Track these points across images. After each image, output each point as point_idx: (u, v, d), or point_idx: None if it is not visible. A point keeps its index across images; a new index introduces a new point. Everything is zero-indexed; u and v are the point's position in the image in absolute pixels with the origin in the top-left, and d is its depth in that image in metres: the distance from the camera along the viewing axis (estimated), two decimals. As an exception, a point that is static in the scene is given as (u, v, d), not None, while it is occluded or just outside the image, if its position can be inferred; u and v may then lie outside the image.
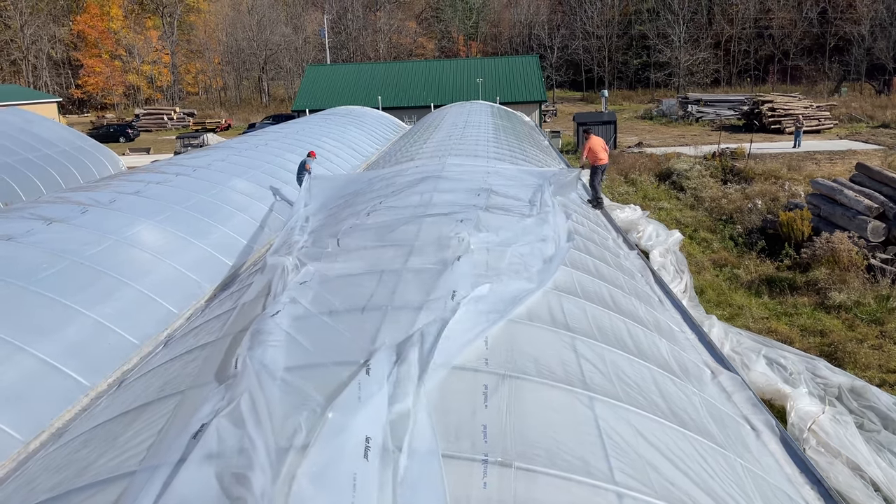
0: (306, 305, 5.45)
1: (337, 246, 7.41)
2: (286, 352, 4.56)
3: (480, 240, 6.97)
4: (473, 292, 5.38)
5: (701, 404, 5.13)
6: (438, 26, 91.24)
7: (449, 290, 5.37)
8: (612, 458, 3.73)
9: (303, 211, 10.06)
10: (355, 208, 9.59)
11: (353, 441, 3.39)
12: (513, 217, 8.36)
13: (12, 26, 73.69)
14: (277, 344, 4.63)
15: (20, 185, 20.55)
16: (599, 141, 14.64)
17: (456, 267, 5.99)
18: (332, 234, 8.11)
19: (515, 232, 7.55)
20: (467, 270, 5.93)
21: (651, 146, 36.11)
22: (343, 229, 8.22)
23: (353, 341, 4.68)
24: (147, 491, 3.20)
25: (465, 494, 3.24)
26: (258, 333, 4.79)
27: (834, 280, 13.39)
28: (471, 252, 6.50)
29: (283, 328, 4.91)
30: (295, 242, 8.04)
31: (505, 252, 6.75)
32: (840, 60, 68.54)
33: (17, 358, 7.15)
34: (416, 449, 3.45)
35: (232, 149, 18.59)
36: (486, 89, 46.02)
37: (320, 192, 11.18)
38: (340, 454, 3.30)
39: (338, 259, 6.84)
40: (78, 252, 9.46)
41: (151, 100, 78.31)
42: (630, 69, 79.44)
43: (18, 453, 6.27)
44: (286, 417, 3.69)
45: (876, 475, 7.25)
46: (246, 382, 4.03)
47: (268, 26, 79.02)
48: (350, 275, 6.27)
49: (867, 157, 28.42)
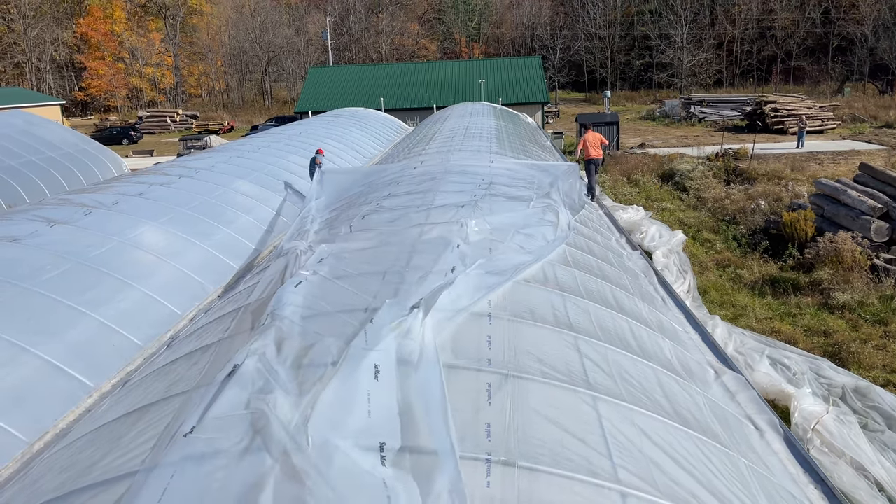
0: (324, 275, 6.19)
1: (349, 232, 8.09)
2: (306, 307, 5.32)
3: (485, 223, 7.48)
4: (478, 262, 6.04)
5: (705, 404, 5.12)
6: (441, 28, 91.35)
7: (452, 264, 6.00)
8: (616, 458, 3.73)
9: (315, 203, 10.68)
10: (367, 197, 10.30)
11: (366, 368, 4.06)
12: (516, 204, 8.75)
13: (16, 29, 73.89)
14: (299, 303, 5.37)
15: (24, 187, 20.61)
16: (595, 137, 15.73)
17: (462, 245, 6.56)
18: (344, 222, 8.79)
19: (518, 217, 8.04)
20: (472, 250, 6.51)
21: (654, 147, 36.09)
22: (355, 218, 8.81)
23: (366, 297, 5.49)
24: (191, 415, 3.78)
25: (469, 493, 3.24)
26: (281, 297, 5.44)
27: (838, 280, 13.36)
28: (476, 233, 7.08)
29: (302, 294, 5.59)
30: (308, 230, 8.76)
31: (508, 233, 7.27)
32: (843, 61, 68.45)
33: (21, 359, 7.16)
34: (420, 363, 4.20)
35: (235, 151, 18.62)
36: (488, 90, 46.05)
37: (331, 186, 11.64)
38: (356, 380, 3.95)
39: (350, 240, 7.55)
40: (82, 253, 9.48)
41: (154, 102, 78.50)
42: (632, 70, 79.43)
43: (23, 454, 6.29)
44: (308, 354, 4.41)
45: (880, 475, 7.23)
46: (274, 330, 4.72)
47: (270, 28, 79.16)
48: (363, 249, 7.05)
49: (870, 158, 28.37)
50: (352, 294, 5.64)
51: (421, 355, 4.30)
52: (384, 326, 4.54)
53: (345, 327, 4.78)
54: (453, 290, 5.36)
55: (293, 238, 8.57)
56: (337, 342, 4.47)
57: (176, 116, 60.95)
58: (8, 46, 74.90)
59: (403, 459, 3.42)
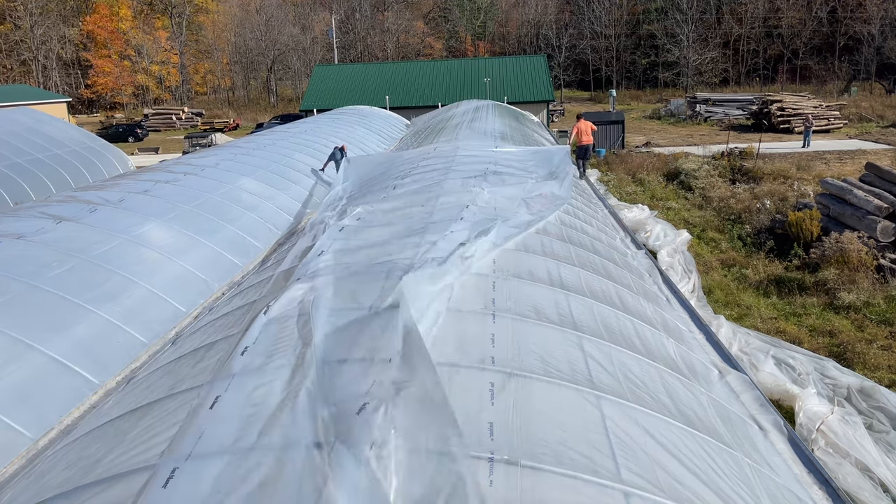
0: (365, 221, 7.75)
1: (372, 207, 9.38)
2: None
3: (491, 192, 9.00)
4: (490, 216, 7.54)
5: (709, 404, 5.12)
6: (446, 26, 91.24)
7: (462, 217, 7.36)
8: (620, 457, 3.72)
9: (342, 186, 12.50)
10: (388, 177, 11.88)
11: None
12: (518, 179, 10.40)
13: (22, 27, 74.13)
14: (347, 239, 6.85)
15: (30, 184, 20.69)
16: (587, 125, 18.23)
17: (473, 207, 8.00)
18: (373, 195, 10.21)
19: (519, 189, 9.61)
20: (480, 212, 7.85)
21: (659, 146, 36.01)
22: (382, 192, 10.24)
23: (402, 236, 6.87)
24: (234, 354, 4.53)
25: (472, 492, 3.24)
26: (322, 244, 6.61)
27: (843, 280, 13.32)
28: (484, 199, 8.58)
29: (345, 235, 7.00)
30: (340, 204, 10.51)
31: (512, 200, 8.88)
32: (850, 60, 68.07)
33: (26, 356, 7.20)
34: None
35: (240, 148, 18.64)
36: (493, 89, 45.97)
37: (356, 171, 13.48)
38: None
39: (382, 203, 9.03)
40: (87, 251, 9.51)
41: (160, 100, 78.62)
42: (638, 69, 79.19)
43: (28, 450, 6.31)
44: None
45: (885, 476, 7.21)
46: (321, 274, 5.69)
47: (276, 26, 79.17)
48: (395, 208, 8.51)
49: (877, 157, 28.25)
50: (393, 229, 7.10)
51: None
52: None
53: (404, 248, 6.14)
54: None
55: (324, 210, 10.14)
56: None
57: (181, 114, 61.01)
58: (14, 44, 75.16)
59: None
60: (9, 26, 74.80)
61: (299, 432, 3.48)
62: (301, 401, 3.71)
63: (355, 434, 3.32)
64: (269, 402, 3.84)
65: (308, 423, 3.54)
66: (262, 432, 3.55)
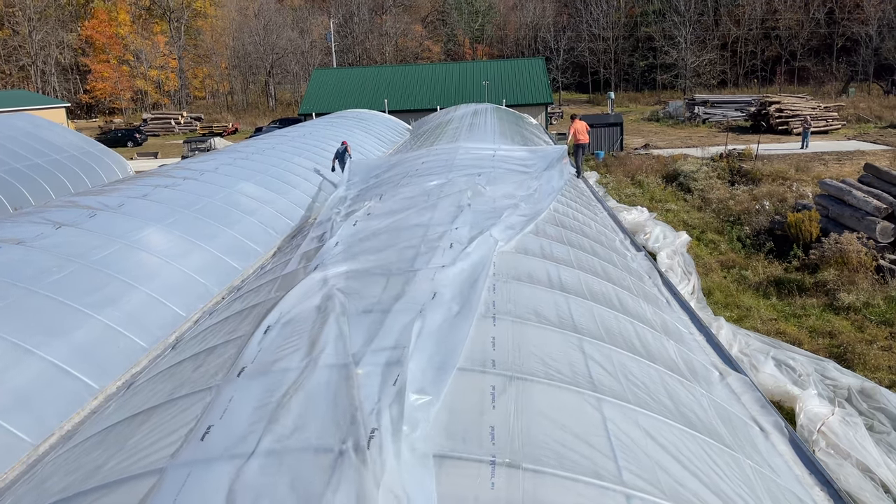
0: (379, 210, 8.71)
1: (379, 201, 10.15)
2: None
3: (490, 190, 9.72)
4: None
5: (709, 405, 5.11)
6: (444, 29, 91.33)
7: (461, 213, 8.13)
8: (621, 459, 3.72)
9: (345, 186, 13.15)
10: (392, 177, 12.62)
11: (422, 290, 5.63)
12: (516, 176, 11.10)
13: (21, 32, 74.13)
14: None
15: (29, 189, 20.68)
16: (582, 125, 19.17)
17: (473, 204, 8.69)
18: (378, 193, 10.84)
19: (516, 185, 10.33)
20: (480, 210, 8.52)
21: (658, 148, 36.02)
22: (387, 190, 10.87)
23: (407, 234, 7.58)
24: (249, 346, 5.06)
25: (473, 495, 3.24)
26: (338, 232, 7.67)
27: (843, 281, 13.32)
28: (483, 194, 9.33)
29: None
30: (346, 199, 11.43)
31: (511, 197, 9.56)
32: (847, 61, 68.15)
33: (26, 361, 7.19)
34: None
35: (239, 152, 18.64)
36: (492, 92, 46.02)
37: (358, 172, 14.23)
38: (412, 299, 5.42)
39: (389, 199, 9.84)
40: (87, 256, 9.50)
41: (159, 104, 78.62)
42: (636, 71, 79.26)
43: (28, 456, 6.30)
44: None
45: (886, 477, 7.20)
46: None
47: (274, 30, 79.22)
48: (406, 197, 9.49)
49: (875, 158, 28.28)
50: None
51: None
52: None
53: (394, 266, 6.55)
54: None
55: (331, 209, 10.84)
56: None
57: (180, 119, 61.04)
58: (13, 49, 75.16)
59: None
60: (7, 32, 74.81)
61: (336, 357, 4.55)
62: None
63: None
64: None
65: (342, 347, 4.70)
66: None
